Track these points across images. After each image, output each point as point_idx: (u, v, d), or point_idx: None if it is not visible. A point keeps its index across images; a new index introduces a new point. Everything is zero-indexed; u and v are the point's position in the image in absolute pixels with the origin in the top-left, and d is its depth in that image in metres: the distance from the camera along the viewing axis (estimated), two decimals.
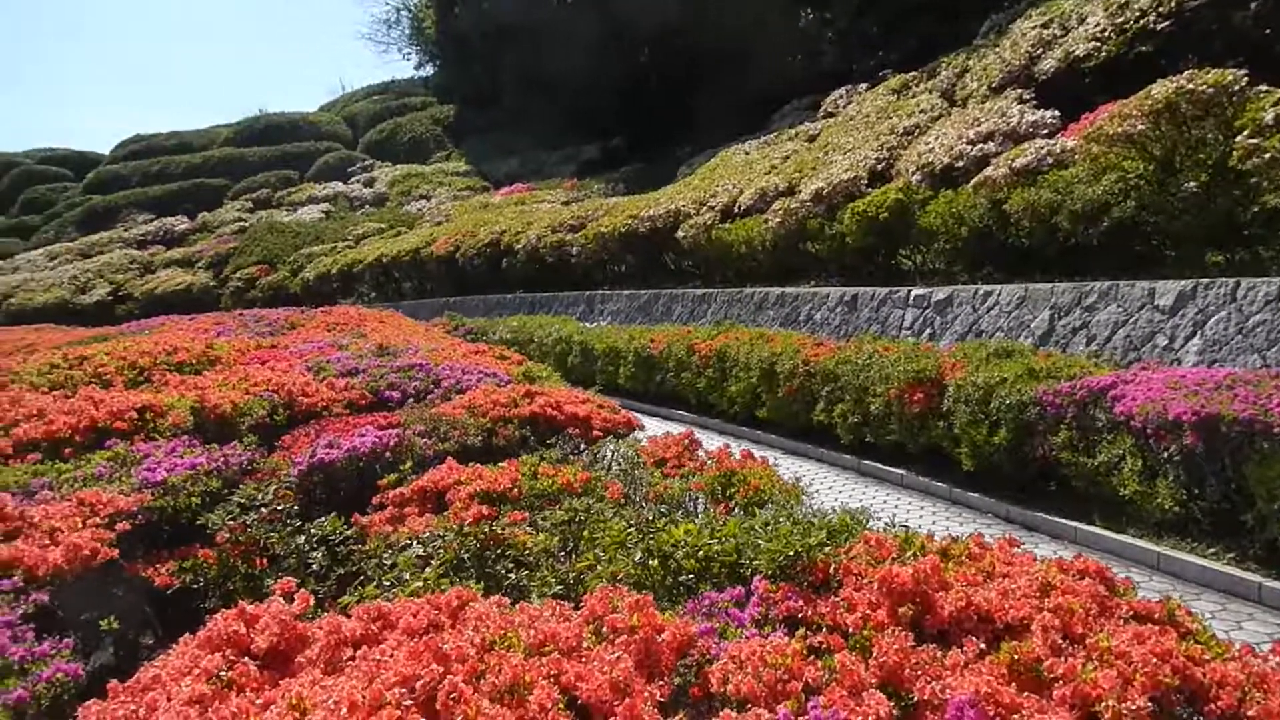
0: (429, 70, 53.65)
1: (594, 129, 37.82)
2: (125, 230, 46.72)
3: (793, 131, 22.89)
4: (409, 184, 42.25)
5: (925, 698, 2.43)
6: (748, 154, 23.32)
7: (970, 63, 17.37)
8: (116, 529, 4.98)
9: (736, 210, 17.73)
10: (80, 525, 4.91)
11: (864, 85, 22.78)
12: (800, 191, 16.02)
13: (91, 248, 45.40)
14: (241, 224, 42.93)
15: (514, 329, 18.31)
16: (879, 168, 15.46)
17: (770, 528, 3.48)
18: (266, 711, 2.74)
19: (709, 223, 18.01)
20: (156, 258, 41.56)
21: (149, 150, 57.57)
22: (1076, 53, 13.65)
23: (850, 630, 2.82)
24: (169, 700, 2.93)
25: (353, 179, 47.24)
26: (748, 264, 16.89)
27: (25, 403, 7.08)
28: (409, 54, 56.12)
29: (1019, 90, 14.35)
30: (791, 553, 3.15)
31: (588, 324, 18.75)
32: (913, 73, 20.15)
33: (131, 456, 5.96)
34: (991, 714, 2.34)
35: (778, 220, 15.77)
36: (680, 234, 18.66)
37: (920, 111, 16.82)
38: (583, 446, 7.61)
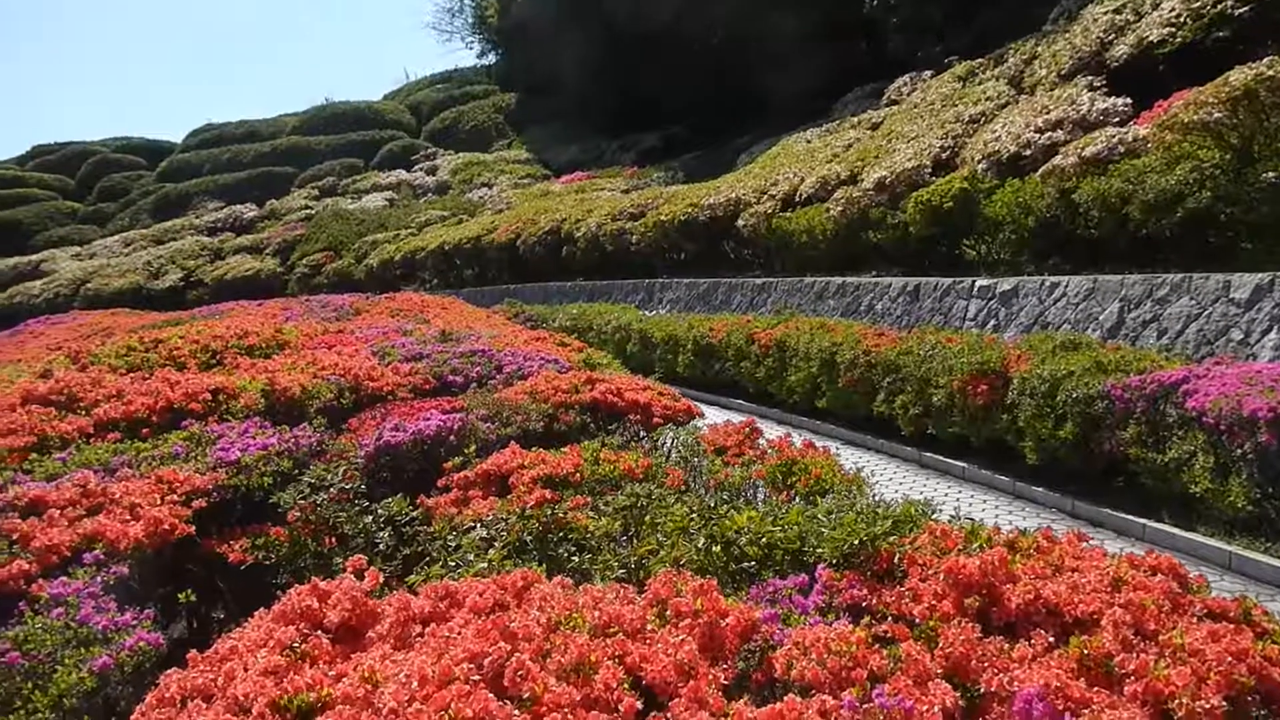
0: (491, 59, 54.05)
1: (654, 117, 37.76)
2: (196, 217, 47.85)
3: (855, 119, 22.62)
4: (471, 172, 42.63)
5: (993, 689, 2.42)
6: (809, 142, 23.11)
7: (1039, 49, 16.99)
8: (192, 506, 5.15)
9: (797, 199, 17.60)
10: (159, 502, 5.08)
11: (929, 72, 22.41)
12: (863, 180, 15.84)
13: (164, 234, 46.58)
14: (308, 211, 43.69)
15: (573, 316, 18.42)
16: (943, 156, 15.22)
17: (833, 516, 3.48)
18: (339, 683, 2.81)
19: (769, 211, 17.91)
20: (226, 244, 42.51)
21: (219, 139, 58.80)
22: (1150, 38, 13.29)
23: (915, 620, 2.82)
24: (246, 670, 3.03)
25: (416, 167, 47.80)
26: (808, 253, 16.76)
27: (105, 384, 7.32)
28: (471, 42, 56.58)
29: (1089, 77, 14.01)
30: (856, 541, 3.15)
31: (647, 312, 18.79)
32: (979, 59, 19.77)
33: (206, 436, 6.14)
34: (1061, 708, 2.32)
35: (839, 209, 15.62)
36: (740, 222, 18.58)
37: (986, 99, 16.52)
38: (642, 433, 7.65)
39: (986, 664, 2.53)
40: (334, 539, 5.16)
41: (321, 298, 20.15)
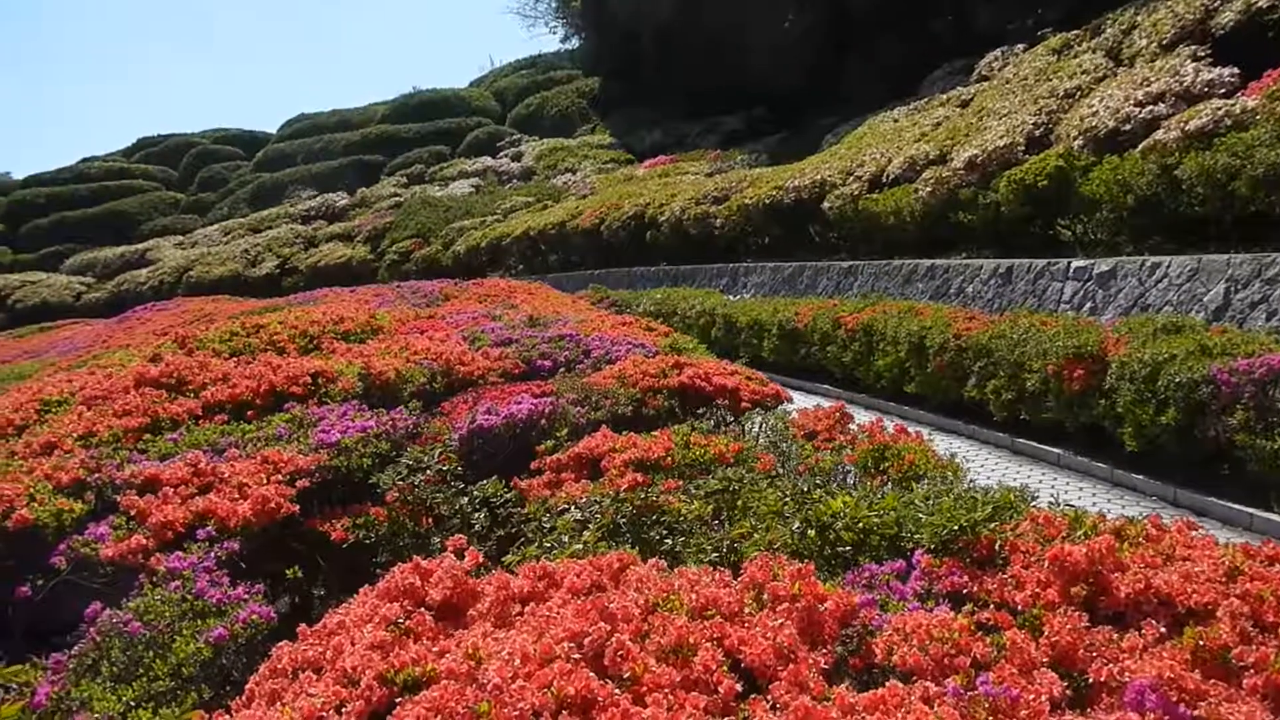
0: (574, 43, 54.17)
1: (737, 99, 37.43)
2: (291, 206, 49.21)
3: (944, 97, 22.09)
4: (555, 157, 42.92)
5: (1102, 679, 2.37)
6: (896, 121, 22.67)
7: (1138, 19, 16.33)
8: (296, 486, 5.33)
9: (884, 180, 17.29)
10: (265, 481, 5.28)
11: (1021, 46, 21.74)
12: (952, 159, 15.49)
13: (260, 223, 48.05)
14: (397, 199, 44.54)
15: (657, 301, 18.45)
16: (1037, 133, 14.76)
17: (931, 502, 3.44)
18: (443, 658, 2.89)
19: (855, 193, 17.65)
20: (319, 232, 43.64)
21: (313, 128, 60.29)
22: (1259, 4, 12.68)
23: (1018, 608, 2.77)
24: (353, 644, 3.14)
25: (501, 153, 48.31)
26: (895, 235, 16.48)
27: (211, 368, 7.61)
28: (555, 27, 56.74)
29: (1193, 47, 13.42)
30: (956, 527, 3.11)
31: (731, 297, 18.72)
32: (1074, 31, 19.09)
33: (307, 419, 6.35)
34: (1174, 699, 2.26)
35: (928, 190, 15.31)
36: (826, 205, 18.35)
37: (1082, 72, 15.95)
38: (730, 418, 7.66)
39: (1095, 653, 2.48)
40: (431, 519, 5.29)
41: (412, 284, 20.57)
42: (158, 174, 63.03)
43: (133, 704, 3.37)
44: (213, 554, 4.58)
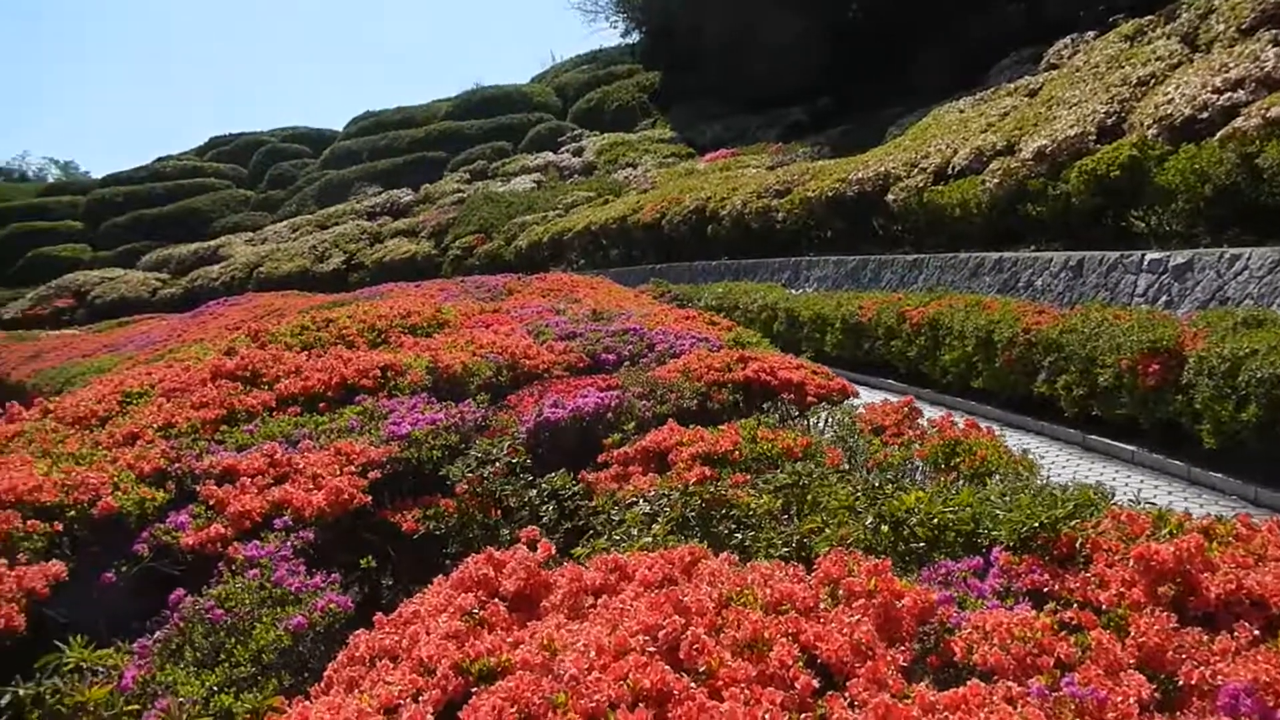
0: (635, 37, 54.07)
1: (799, 92, 37.09)
2: (357, 203, 50.00)
3: (1011, 86, 21.65)
4: (615, 152, 42.99)
5: (1193, 682, 2.31)
6: (962, 112, 22.26)
7: (1216, 2, 15.83)
8: (369, 477, 5.42)
9: (950, 171, 17.02)
10: (338, 472, 5.38)
11: (1092, 33, 21.20)
12: (1020, 150, 15.18)
13: (327, 219, 48.91)
14: (460, 195, 45.00)
15: (719, 295, 18.39)
16: (1109, 122, 14.39)
17: (1008, 498, 3.38)
18: (517, 649, 2.92)
19: (920, 185, 17.39)
20: (384, 228, 44.28)
21: (377, 125, 61.12)
22: None
23: (1103, 608, 2.71)
24: (428, 634, 3.18)
25: (562, 149, 48.52)
26: (961, 228, 16.21)
27: (284, 360, 7.77)
28: (615, 21, 56.61)
29: (1274, 31, 12.97)
30: (1036, 524, 3.04)
31: (793, 290, 18.58)
32: (1148, 17, 18.57)
33: (378, 411, 6.45)
34: (1271, 704, 2.19)
35: (995, 181, 15.03)
36: (890, 197, 18.12)
37: (1156, 59, 15.51)
38: (794, 413, 7.60)
39: (1184, 655, 2.42)
40: (499, 511, 5.34)
41: (475, 278, 20.78)
42: (229, 172, 64.53)
43: (215, 689, 3.46)
44: (289, 543, 4.68)
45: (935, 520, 3.37)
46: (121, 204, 60.31)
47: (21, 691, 3.52)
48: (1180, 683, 2.36)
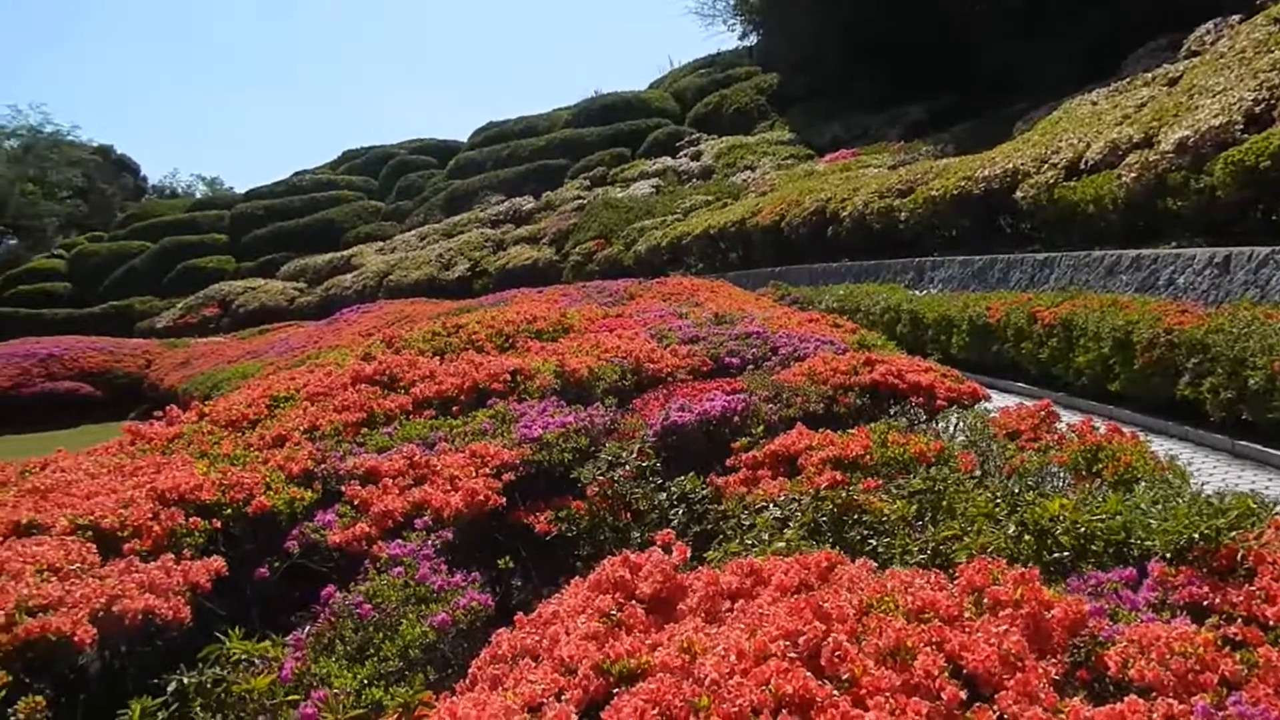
0: (752, 39, 53.82)
1: (920, 89, 36.23)
2: (480, 211, 51.25)
3: (1148, 76, 20.66)
4: (733, 155, 42.85)
5: None
6: (1095, 104, 21.36)
7: None
8: (503, 479, 5.56)
9: (1082, 166, 16.35)
10: (474, 474, 5.54)
11: (1236, 17, 20.02)
12: (1159, 142, 14.47)
13: (453, 228, 50.28)
14: (580, 201, 45.62)
15: (840, 297, 18.14)
16: (1257, 110, 13.57)
17: (1160, 507, 3.24)
18: (655, 651, 2.95)
19: (1050, 181, 16.77)
20: (507, 236, 45.25)
21: (500, 135, 62.52)
22: None
23: (1269, 623, 2.58)
24: (567, 634, 3.25)
25: (680, 153, 48.65)
26: (1095, 225, 15.56)
27: (419, 365, 8.05)
28: (733, 24, 56.40)
29: None
30: (1196, 535, 2.92)
31: (916, 292, 18.18)
32: None
33: (510, 414, 6.62)
34: None
35: (1132, 175, 14.37)
36: (1018, 194, 17.53)
37: None
38: (923, 417, 7.45)
39: None
40: (629, 514, 5.40)
41: (597, 284, 21.05)
42: (360, 184, 67.03)
43: (366, 682, 3.61)
44: (430, 542, 4.85)
45: (1082, 529, 3.26)
46: (262, 216, 63.36)
47: (187, 680, 3.76)
48: None
